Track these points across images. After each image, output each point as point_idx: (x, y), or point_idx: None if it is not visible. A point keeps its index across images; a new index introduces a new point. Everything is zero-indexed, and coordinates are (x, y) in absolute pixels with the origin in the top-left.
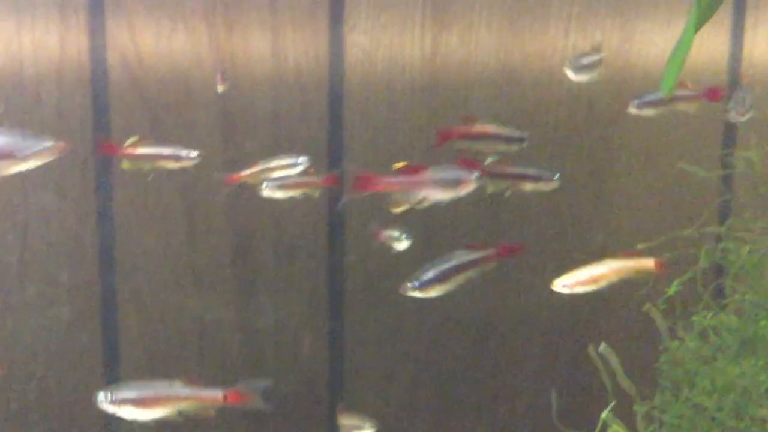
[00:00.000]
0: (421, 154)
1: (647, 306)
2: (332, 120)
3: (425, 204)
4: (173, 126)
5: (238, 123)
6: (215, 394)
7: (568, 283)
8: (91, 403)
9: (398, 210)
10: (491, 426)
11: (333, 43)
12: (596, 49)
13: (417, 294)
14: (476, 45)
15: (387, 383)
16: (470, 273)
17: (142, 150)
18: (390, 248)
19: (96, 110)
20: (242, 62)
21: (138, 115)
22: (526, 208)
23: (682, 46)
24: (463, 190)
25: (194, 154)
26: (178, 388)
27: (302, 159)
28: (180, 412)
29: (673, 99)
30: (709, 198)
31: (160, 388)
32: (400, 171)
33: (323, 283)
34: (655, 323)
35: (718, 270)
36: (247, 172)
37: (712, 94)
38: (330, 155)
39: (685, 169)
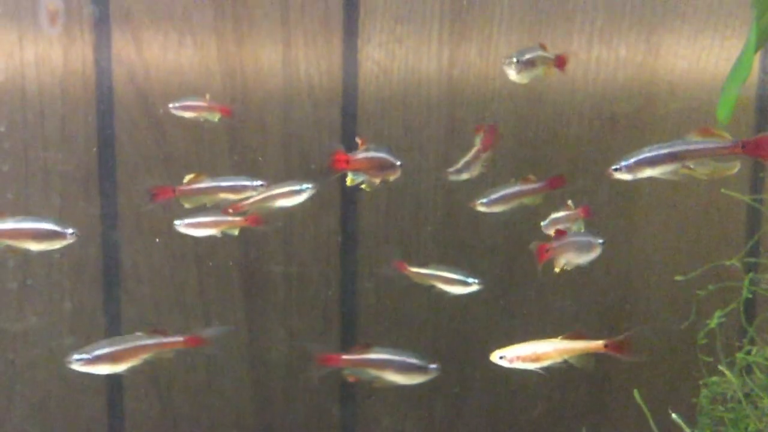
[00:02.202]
0: (438, 172)
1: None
2: (345, 136)
3: None
4: (180, 142)
5: (248, 140)
6: (177, 339)
7: (508, 356)
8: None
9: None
10: None
11: (347, 57)
12: (541, 46)
13: (483, 209)
14: (496, 58)
15: (402, 407)
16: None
17: (201, 185)
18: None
19: (101, 125)
20: (252, 76)
21: (144, 130)
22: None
23: (741, 67)
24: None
25: (258, 183)
26: (144, 339)
27: (306, 186)
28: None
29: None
30: (738, 222)
31: (127, 341)
32: None
33: (336, 307)
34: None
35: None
36: (251, 200)
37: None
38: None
39: (725, 193)
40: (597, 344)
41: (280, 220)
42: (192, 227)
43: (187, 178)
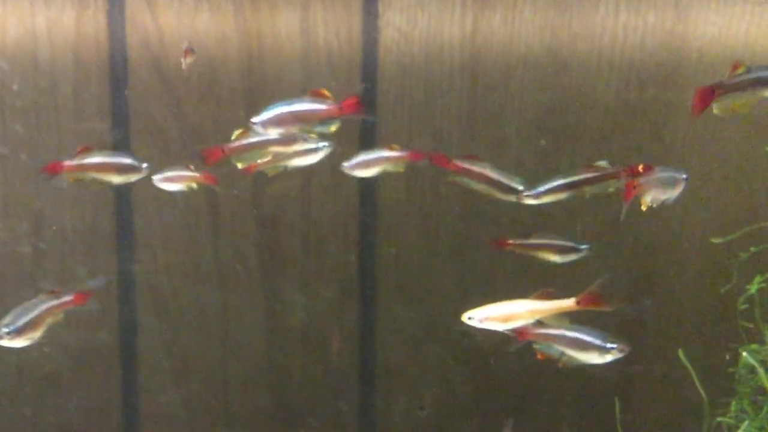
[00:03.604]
0: (459, 140)
1: None
2: (365, 105)
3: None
4: (195, 109)
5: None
6: (68, 298)
7: (477, 317)
8: (109, 402)
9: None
10: (532, 426)
11: (366, 22)
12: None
13: (531, 201)
14: (520, 24)
15: (421, 383)
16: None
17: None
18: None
19: (114, 92)
20: (269, 41)
21: (158, 97)
22: (577, 202)
23: None
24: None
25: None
26: (45, 303)
27: (322, 144)
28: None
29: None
30: None
31: (33, 308)
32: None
33: (355, 278)
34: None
35: None
36: (264, 160)
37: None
38: (362, 141)
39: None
40: (569, 303)
41: (297, 189)
42: (164, 181)
43: (235, 134)
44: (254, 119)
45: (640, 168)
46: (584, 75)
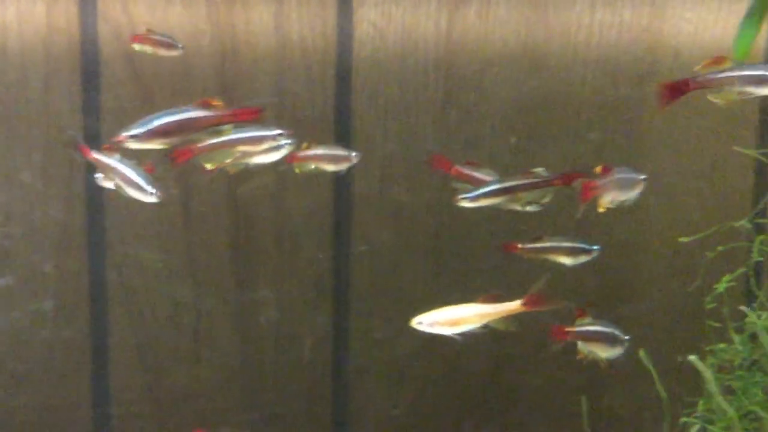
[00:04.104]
0: (433, 137)
1: None
2: (339, 100)
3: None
4: (168, 104)
5: (239, 102)
6: None
7: (426, 321)
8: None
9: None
10: (506, 428)
11: (341, 17)
12: None
13: (467, 204)
14: (495, 20)
15: (395, 382)
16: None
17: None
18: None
19: (85, 86)
20: (243, 36)
21: (130, 92)
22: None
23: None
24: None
25: (277, 132)
26: None
27: (285, 142)
28: None
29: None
30: (745, 187)
31: None
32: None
33: (328, 274)
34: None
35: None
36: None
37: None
38: (337, 137)
39: (737, 151)
40: (515, 304)
41: (270, 186)
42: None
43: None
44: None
45: (576, 175)
46: (560, 72)
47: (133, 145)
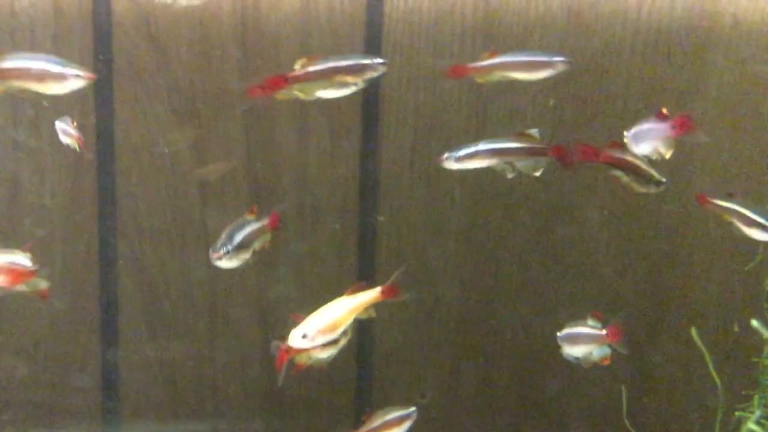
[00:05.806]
0: (469, 109)
1: None
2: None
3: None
4: (184, 66)
5: (260, 66)
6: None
7: (310, 335)
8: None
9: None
10: (537, 411)
11: None
12: None
13: (452, 165)
14: None
15: (422, 363)
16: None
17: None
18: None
19: (97, 47)
20: None
21: (145, 53)
22: (593, 178)
23: None
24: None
25: (379, 61)
26: None
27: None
28: None
29: None
30: None
31: None
32: None
33: (352, 250)
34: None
35: None
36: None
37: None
38: (364, 108)
39: None
40: (374, 293)
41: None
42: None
43: (299, 63)
44: None
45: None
46: (607, 40)
47: None
